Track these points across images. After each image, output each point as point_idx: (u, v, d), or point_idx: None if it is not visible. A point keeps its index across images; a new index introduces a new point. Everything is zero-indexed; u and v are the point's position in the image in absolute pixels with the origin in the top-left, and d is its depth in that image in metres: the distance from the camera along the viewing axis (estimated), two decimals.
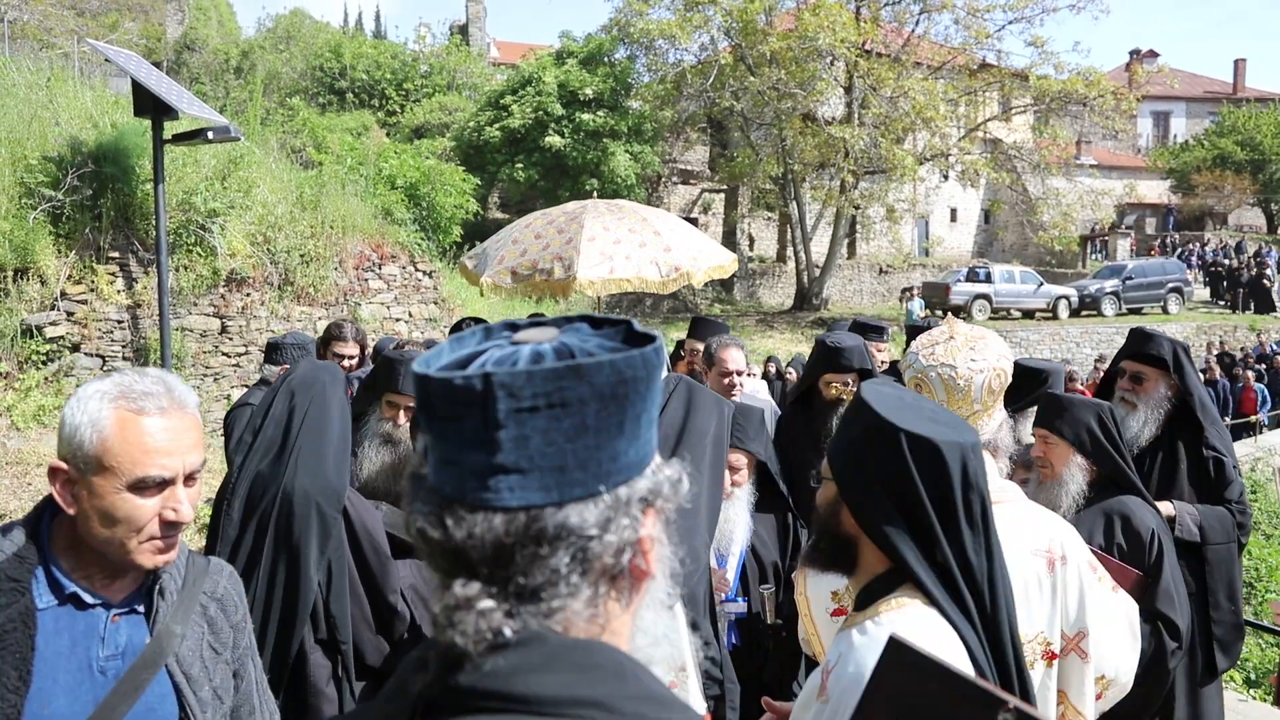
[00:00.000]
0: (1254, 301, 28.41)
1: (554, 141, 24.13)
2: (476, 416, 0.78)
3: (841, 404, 4.11)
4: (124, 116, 8.80)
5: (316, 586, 2.68)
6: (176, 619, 1.66)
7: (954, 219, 37.53)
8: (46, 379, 8.02)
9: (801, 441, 4.10)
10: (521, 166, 24.64)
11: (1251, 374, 19.15)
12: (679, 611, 0.95)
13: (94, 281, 8.35)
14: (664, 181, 29.77)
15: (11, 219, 7.81)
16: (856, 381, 4.10)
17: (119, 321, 8.52)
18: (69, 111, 8.74)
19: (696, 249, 6.51)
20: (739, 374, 4.47)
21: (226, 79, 29.78)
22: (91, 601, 1.58)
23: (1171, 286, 27.28)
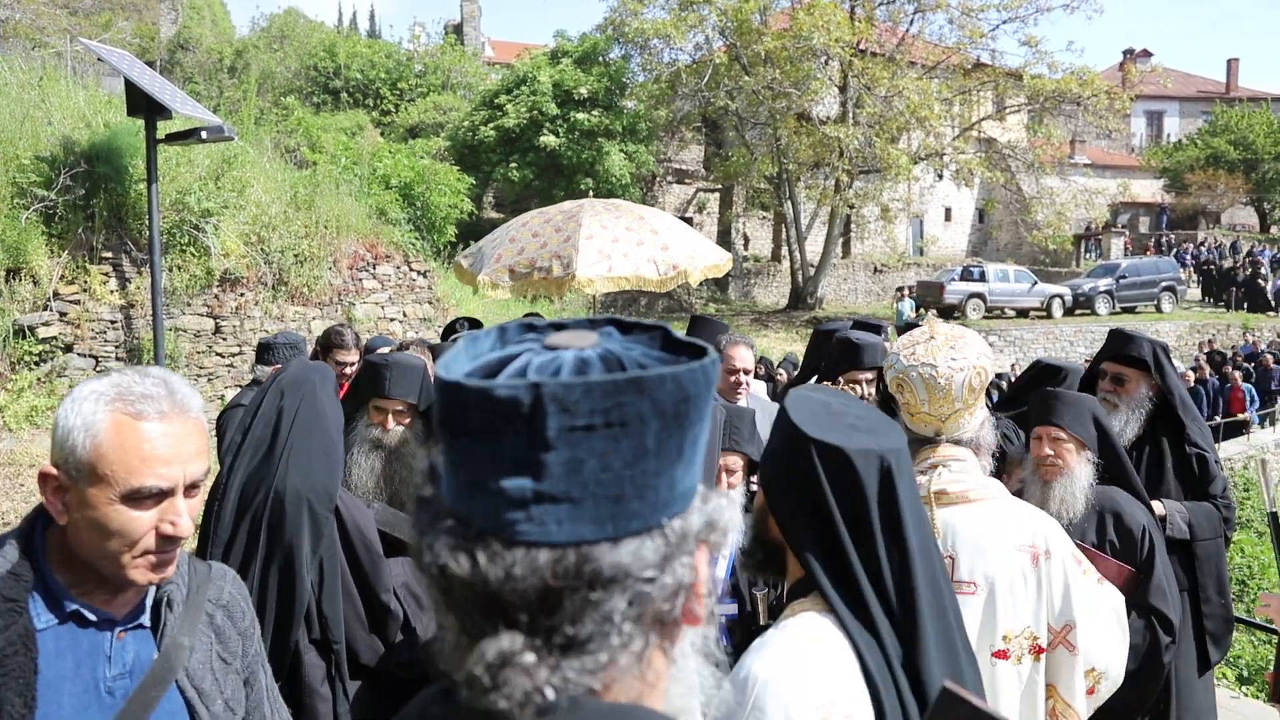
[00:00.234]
0: (1249, 301, 28.49)
1: (549, 141, 24.10)
2: (521, 434, 0.67)
3: None
4: (117, 116, 8.77)
5: (310, 586, 2.68)
6: (184, 631, 1.57)
7: (948, 218, 37.58)
8: (39, 380, 8.00)
9: None
10: (516, 166, 24.61)
11: (1239, 373, 19.17)
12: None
13: (87, 281, 8.33)
14: (659, 181, 29.77)
15: (4, 219, 7.79)
16: (877, 379, 4.09)
17: (112, 322, 8.50)
18: (62, 111, 8.71)
19: (693, 248, 6.52)
20: (745, 372, 4.42)
21: (220, 78, 29.71)
22: (94, 619, 1.47)
23: (1165, 285, 27.37)
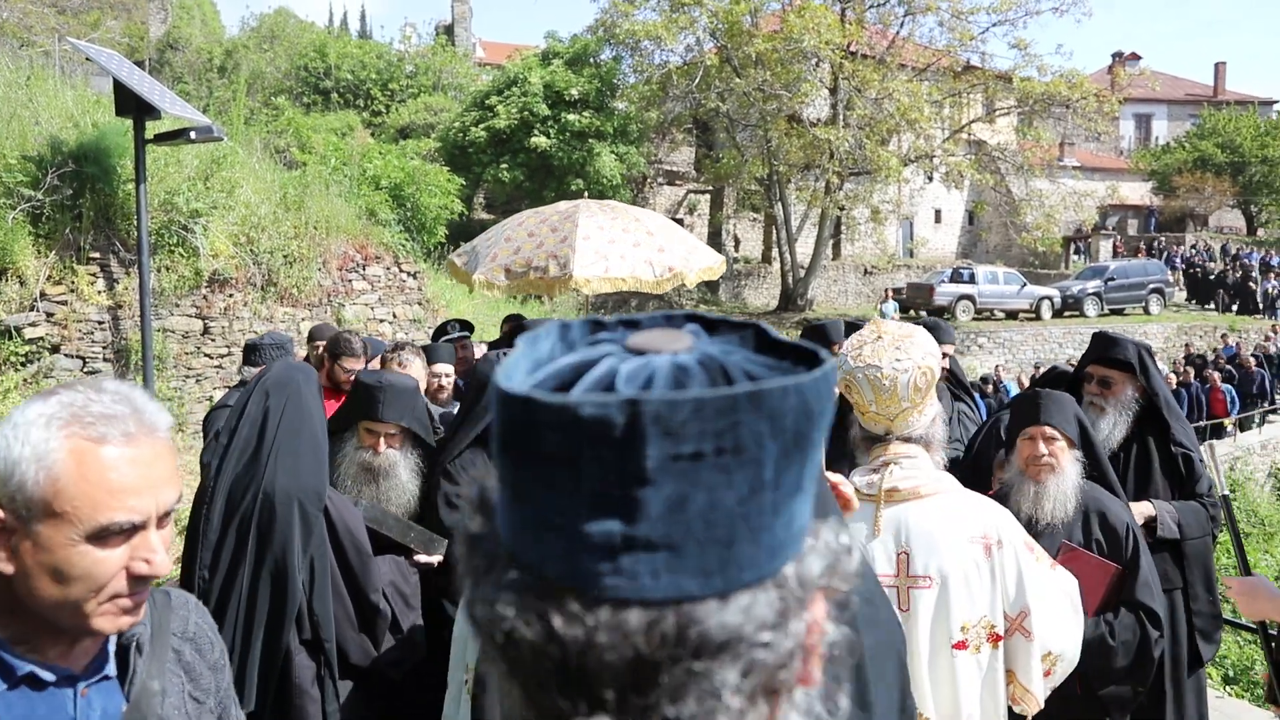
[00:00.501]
0: (1240, 303, 28.67)
1: (539, 142, 24.08)
2: (610, 464, 0.52)
3: None
4: (105, 116, 8.73)
5: (301, 587, 2.68)
6: (151, 673, 1.38)
7: (938, 220, 37.69)
8: (25, 380, 7.95)
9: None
10: (507, 167, 24.59)
11: (1219, 375, 19.21)
12: None
13: (74, 282, 8.28)
14: (649, 182, 29.77)
15: None
16: None
17: (100, 322, 8.45)
18: (49, 110, 8.66)
19: (688, 251, 6.54)
20: None
21: (210, 78, 29.58)
22: (52, 678, 1.26)
23: (1153, 288, 27.51)
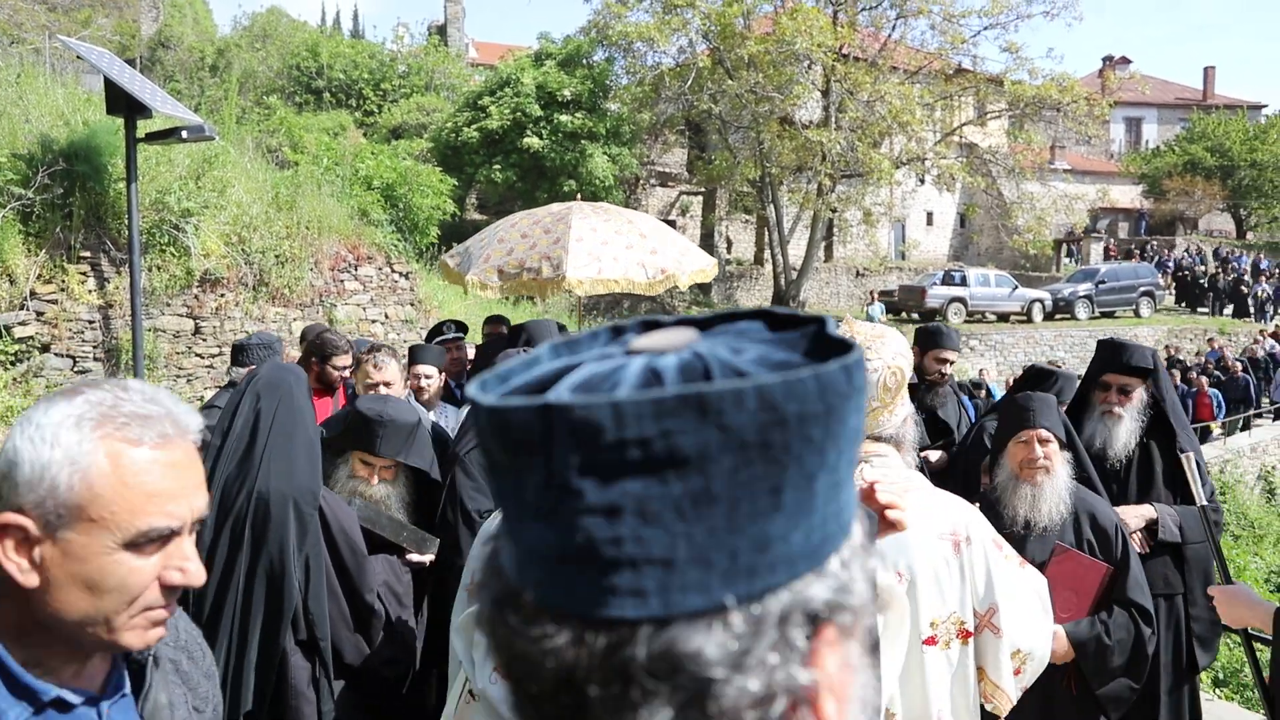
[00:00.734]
0: (1234, 306, 28.82)
1: (532, 143, 24.06)
2: (539, 471, 0.49)
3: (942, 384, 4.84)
4: (96, 114, 8.69)
5: (297, 587, 2.67)
6: (161, 687, 1.31)
7: (930, 223, 37.80)
8: (15, 380, 7.92)
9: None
10: (499, 168, 24.56)
11: (1206, 379, 19.30)
12: None
13: (65, 281, 8.25)
14: (642, 184, 29.77)
15: None
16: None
17: (90, 322, 8.42)
18: (40, 109, 8.63)
19: (681, 253, 6.57)
20: None
21: (202, 77, 29.47)
22: (77, 701, 1.17)
23: (1143, 291, 27.64)
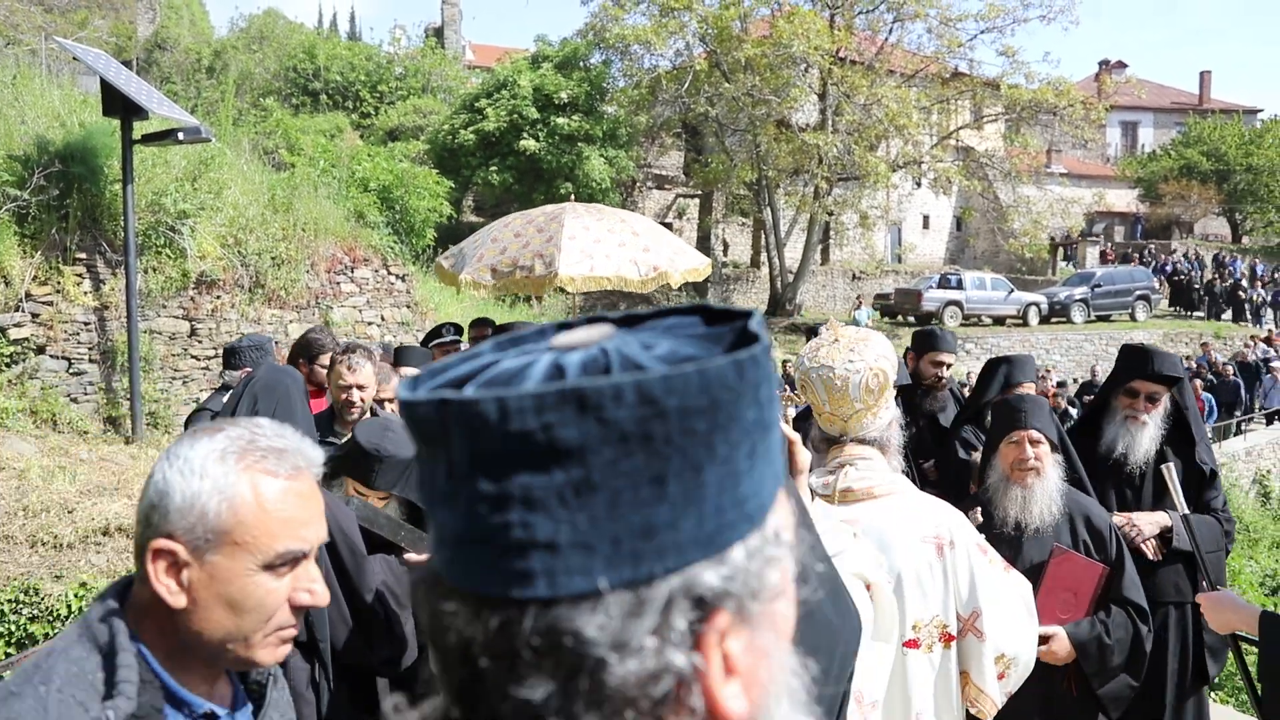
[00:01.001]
0: (1232, 310, 28.87)
1: (529, 145, 24.07)
2: (441, 460, 0.55)
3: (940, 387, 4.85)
4: (92, 116, 8.69)
5: None
6: (274, 706, 1.37)
7: (926, 226, 37.84)
8: (10, 381, 7.90)
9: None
10: (496, 170, 24.56)
11: (1200, 382, 19.30)
12: None
13: (60, 283, 8.23)
14: (639, 186, 29.80)
15: None
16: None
17: (86, 323, 8.40)
18: (36, 110, 8.62)
19: (673, 251, 6.58)
20: None
21: (198, 79, 29.44)
22: (221, 714, 1.27)
23: (1139, 294, 27.69)
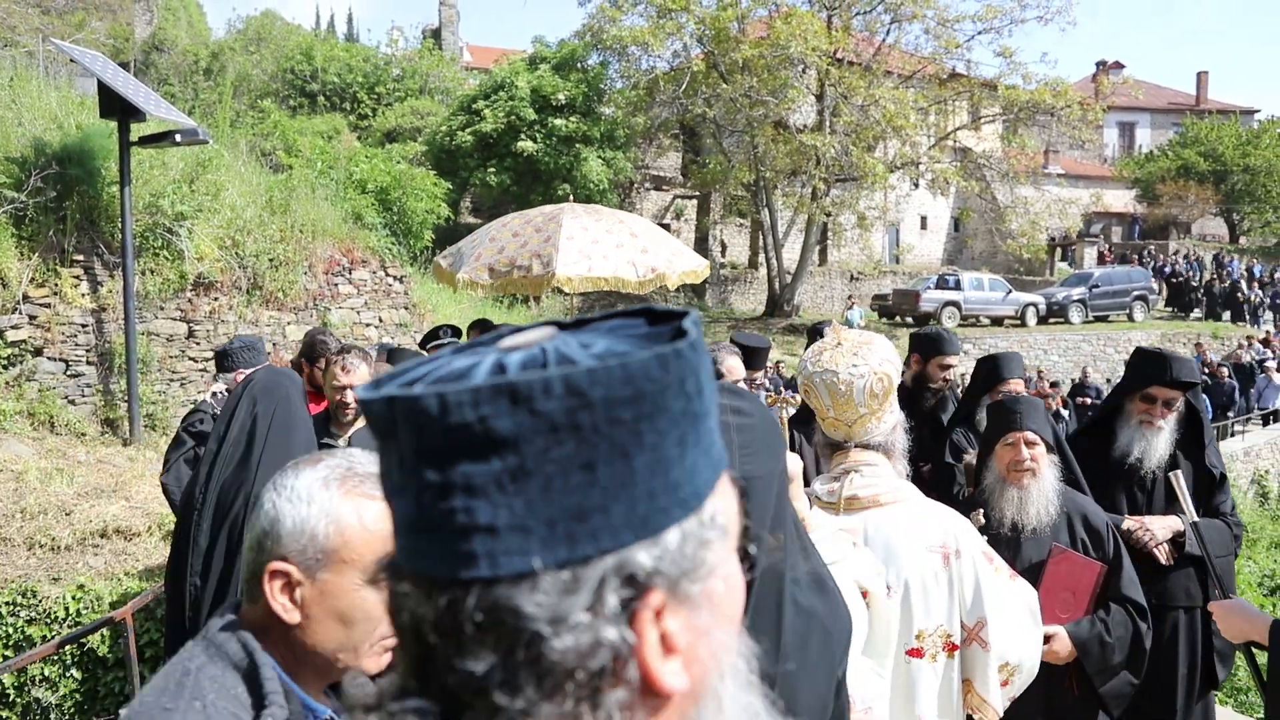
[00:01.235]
0: (1230, 311, 28.90)
1: (526, 146, 24.06)
2: (393, 453, 0.60)
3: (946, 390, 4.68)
4: (90, 118, 8.67)
5: None
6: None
7: (924, 227, 37.86)
8: (8, 383, 7.88)
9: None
10: (494, 171, 24.56)
11: None
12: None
13: (58, 285, 8.22)
14: (636, 187, 29.79)
15: None
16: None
17: (83, 325, 8.39)
18: (33, 112, 8.60)
19: (671, 252, 6.58)
20: (738, 384, 4.47)
21: (195, 80, 29.41)
22: None
23: (1137, 295, 27.71)
